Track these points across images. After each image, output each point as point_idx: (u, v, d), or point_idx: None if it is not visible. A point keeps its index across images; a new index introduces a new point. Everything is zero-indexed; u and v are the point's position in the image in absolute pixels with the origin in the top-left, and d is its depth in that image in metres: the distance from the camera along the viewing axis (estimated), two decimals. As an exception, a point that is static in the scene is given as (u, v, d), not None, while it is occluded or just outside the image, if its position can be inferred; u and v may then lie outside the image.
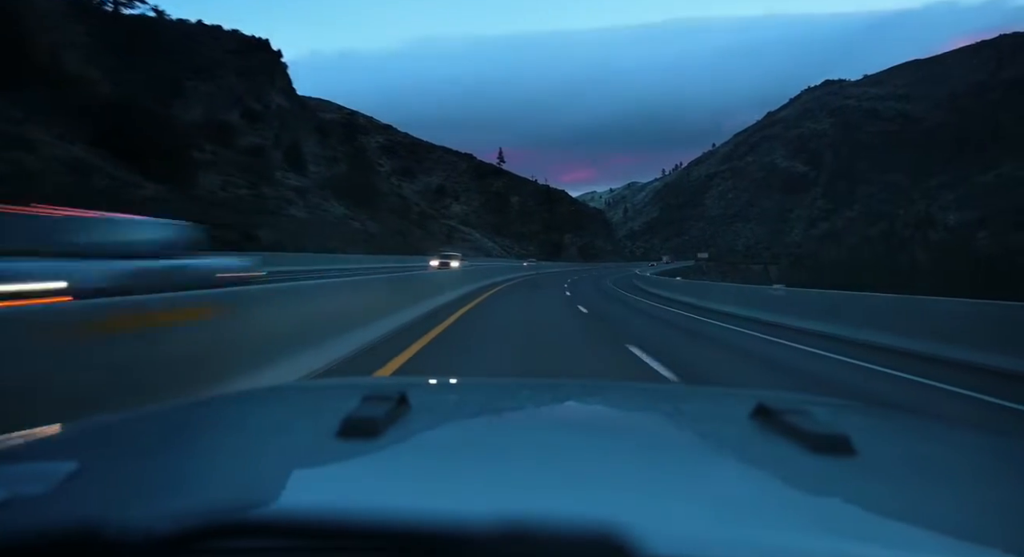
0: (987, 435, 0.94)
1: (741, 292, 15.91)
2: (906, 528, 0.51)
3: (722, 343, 8.92)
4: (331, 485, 0.58)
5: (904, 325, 8.08)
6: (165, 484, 0.58)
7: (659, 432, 0.89)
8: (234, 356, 3.84)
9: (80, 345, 2.60)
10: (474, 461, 0.67)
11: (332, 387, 1.39)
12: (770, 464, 0.66)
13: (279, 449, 0.72)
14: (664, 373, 5.59)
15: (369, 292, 8.28)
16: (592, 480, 0.60)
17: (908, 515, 0.53)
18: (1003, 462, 0.77)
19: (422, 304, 10.63)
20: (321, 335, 5.38)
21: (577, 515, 0.45)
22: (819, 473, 0.61)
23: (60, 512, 0.48)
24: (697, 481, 0.62)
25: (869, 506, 0.55)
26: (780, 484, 0.61)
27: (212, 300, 4.02)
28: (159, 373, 2.96)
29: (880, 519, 0.52)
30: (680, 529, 0.47)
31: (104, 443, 0.74)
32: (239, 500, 0.48)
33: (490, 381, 1.72)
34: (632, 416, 1.01)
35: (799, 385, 5.68)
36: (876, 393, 5.38)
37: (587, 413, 1.06)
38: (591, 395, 1.21)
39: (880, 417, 1.07)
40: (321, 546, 0.42)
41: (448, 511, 0.46)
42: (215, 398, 1.14)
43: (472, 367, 5.65)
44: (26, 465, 0.64)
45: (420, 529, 0.42)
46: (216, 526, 0.42)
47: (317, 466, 0.64)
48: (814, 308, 10.77)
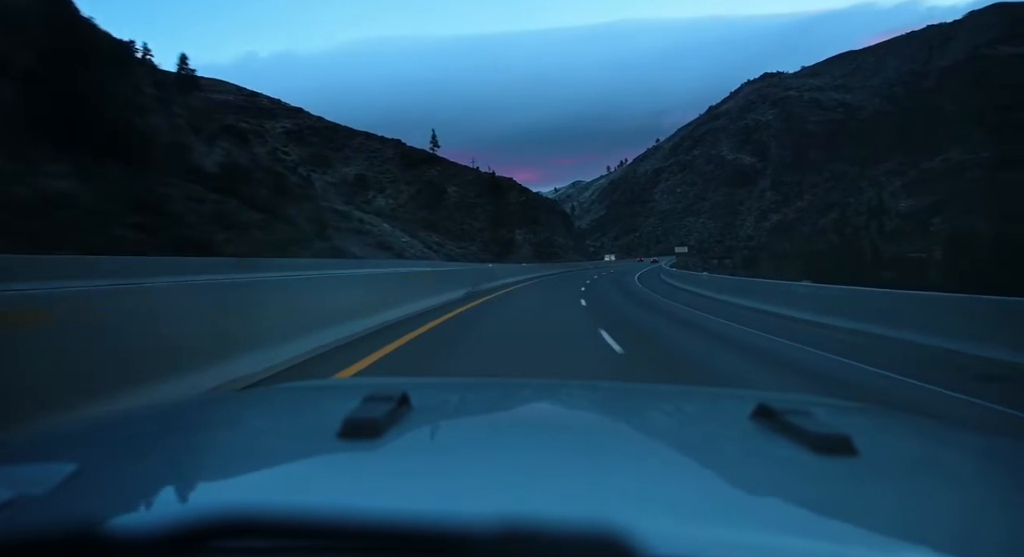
0: (989, 437, 0.93)
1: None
2: (908, 529, 0.50)
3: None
4: (333, 485, 0.58)
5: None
6: (165, 484, 0.58)
7: (660, 433, 0.89)
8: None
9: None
10: (475, 462, 0.67)
11: (333, 387, 1.39)
12: (772, 464, 0.66)
13: (281, 449, 0.72)
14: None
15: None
16: (593, 481, 0.60)
17: (910, 516, 0.53)
18: (1005, 464, 0.77)
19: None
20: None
21: (578, 516, 0.45)
22: (821, 473, 0.61)
23: (60, 512, 0.48)
24: (699, 482, 0.61)
25: (871, 507, 0.54)
26: (783, 485, 0.61)
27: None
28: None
29: (882, 520, 0.52)
30: (682, 530, 0.46)
31: (104, 442, 0.74)
32: (241, 500, 0.47)
33: (491, 381, 1.74)
34: (634, 417, 1.00)
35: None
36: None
37: (588, 414, 1.05)
38: (592, 395, 1.20)
39: (881, 418, 1.06)
40: (323, 546, 0.42)
41: (449, 512, 0.46)
42: (215, 397, 1.10)
43: None
44: (26, 465, 0.64)
45: (422, 529, 0.42)
46: (218, 526, 0.41)
47: (319, 466, 0.64)
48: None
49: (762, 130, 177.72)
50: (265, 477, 0.61)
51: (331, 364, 5.51)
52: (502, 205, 62.59)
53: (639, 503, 0.54)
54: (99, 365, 3.14)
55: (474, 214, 59.82)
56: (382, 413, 0.69)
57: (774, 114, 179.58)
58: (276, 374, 4.87)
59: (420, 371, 5.44)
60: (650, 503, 0.54)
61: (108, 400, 3.03)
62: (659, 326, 10.51)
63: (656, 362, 6.65)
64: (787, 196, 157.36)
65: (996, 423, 4.28)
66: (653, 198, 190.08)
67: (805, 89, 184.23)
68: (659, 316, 12.49)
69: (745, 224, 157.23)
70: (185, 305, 4.26)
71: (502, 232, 58.26)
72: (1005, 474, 0.72)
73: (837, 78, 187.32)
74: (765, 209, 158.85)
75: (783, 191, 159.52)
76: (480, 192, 63.70)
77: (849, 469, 0.61)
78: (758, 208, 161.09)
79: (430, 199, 54.65)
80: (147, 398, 3.23)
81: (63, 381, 2.91)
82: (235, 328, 4.71)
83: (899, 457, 0.75)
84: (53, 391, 2.83)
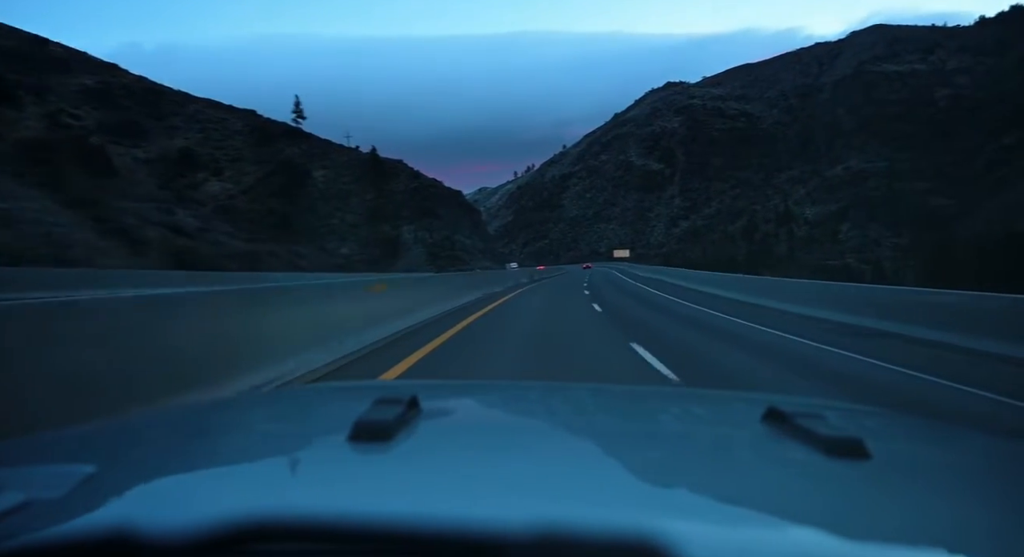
0: (1003, 439, 0.92)
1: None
2: (922, 533, 0.50)
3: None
4: (351, 489, 0.57)
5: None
6: (184, 487, 0.59)
7: (673, 436, 0.88)
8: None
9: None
10: (490, 465, 0.67)
11: (340, 390, 1.36)
12: (787, 468, 0.66)
13: (295, 452, 0.72)
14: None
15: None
16: (615, 485, 0.60)
17: (924, 520, 0.53)
18: (1020, 467, 0.76)
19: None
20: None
21: (608, 521, 0.45)
22: (835, 477, 0.61)
23: (77, 516, 0.47)
24: (717, 486, 0.61)
25: (885, 510, 0.54)
26: (798, 488, 0.61)
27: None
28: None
29: (896, 523, 0.51)
30: (712, 535, 0.46)
31: (118, 445, 0.75)
32: (257, 505, 0.47)
33: (500, 384, 1.72)
34: (645, 420, 1.00)
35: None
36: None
37: (598, 417, 1.04)
38: (600, 398, 1.20)
39: (892, 421, 1.05)
40: (344, 550, 0.42)
41: (481, 517, 0.45)
42: (225, 401, 1.14)
43: None
44: (40, 466, 0.64)
45: (455, 535, 0.42)
46: (244, 531, 0.41)
47: (334, 470, 0.64)
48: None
49: (668, 136, 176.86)
50: (283, 481, 0.61)
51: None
52: (387, 192, 47.95)
53: (666, 507, 0.54)
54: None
55: (349, 205, 45.07)
56: (393, 416, 0.68)
57: (679, 121, 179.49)
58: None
59: None
60: (676, 507, 0.54)
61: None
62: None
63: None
64: (695, 202, 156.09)
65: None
66: (562, 204, 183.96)
67: (708, 98, 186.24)
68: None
69: (656, 230, 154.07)
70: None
71: (384, 229, 43.90)
72: (1019, 477, 0.72)
73: (737, 89, 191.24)
74: (674, 216, 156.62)
75: (691, 197, 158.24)
76: (358, 176, 48.70)
77: (862, 472, 0.61)
78: (667, 214, 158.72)
79: (287, 184, 40.06)
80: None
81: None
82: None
83: (912, 460, 0.74)
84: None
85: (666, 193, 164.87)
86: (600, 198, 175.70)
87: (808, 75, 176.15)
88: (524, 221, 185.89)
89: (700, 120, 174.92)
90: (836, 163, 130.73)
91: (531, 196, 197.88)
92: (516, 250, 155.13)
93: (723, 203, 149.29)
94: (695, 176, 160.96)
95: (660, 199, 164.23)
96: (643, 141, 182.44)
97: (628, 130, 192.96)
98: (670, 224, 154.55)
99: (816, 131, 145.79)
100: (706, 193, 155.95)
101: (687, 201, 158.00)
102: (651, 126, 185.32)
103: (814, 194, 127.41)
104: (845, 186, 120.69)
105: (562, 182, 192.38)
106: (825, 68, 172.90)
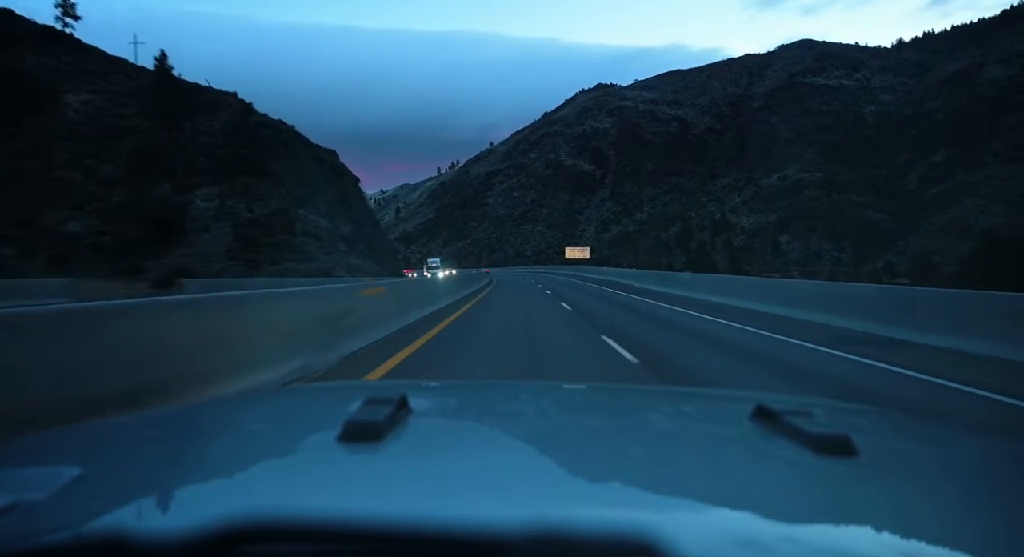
0: (989, 436, 0.94)
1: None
2: (909, 528, 0.50)
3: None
4: (342, 490, 0.57)
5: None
6: (172, 488, 0.58)
7: (663, 435, 0.88)
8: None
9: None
10: (480, 465, 0.66)
11: (330, 390, 1.34)
12: (776, 465, 0.66)
13: (285, 453, 0.72)
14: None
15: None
16: (605, 483, 0.60)
17: (911, 515, 0.53)
18: (1005, 463, 0.77)
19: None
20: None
21: (600, 518, 0.45)
22: (823, 474, 0.61)
23: (64, 520, 0.47)
24: (709, 483, 0.61)
25: (873, 506, 0.55)
26: (788, 486, 0.61)
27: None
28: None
29: (884, 519, 0.52)
30: (704, 531, 0.47)
31: (105, 447, 0.74)
32: (248, 507, 0.47)
33: (490, 383, 1.69)
34: (634, 418, 1.00)
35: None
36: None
37: (588, 416, 1.03)
38: (591, 397, 1.20)
39: (880, 418, 1.05)
40: (336, 551, 0.42)
41: (468, 516, 0.45)
42: (214, 401, 1.16)
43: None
44: (26, 469, 0.63)
45: (451, 534, 0.41)
46: (228, 533, 0.40)
47: (324, 470, 0.63)
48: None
49: (600, 137, 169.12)
50: (274, 482, 0.61)
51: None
52: (189, 135, 30.27)
53: (657, 505, 0.54)
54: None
55: (117, 149, 27.29)
56: (383, 416, 0.68)
57: (611, 122, 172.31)
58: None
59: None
60: (667, 505, 0.54)
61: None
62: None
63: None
64: (627, 207, 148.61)
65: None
66: (487, 202, 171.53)
67: (640, 101, 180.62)
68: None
69: (585, 234, 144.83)
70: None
71: (161, 190, 26.18)
72: (1005, 473, 0.72)
73: (668, 94, 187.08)
74: (605, 220, 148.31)
75: (623, 201, 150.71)
76: (145, 109, 31.09)
77: (850, 469, 0.62)
78: (598, 218, 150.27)
79: (11, 106, 23.63)
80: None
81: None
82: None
83: (899, 457, 0.75)
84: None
85: (597, 196, 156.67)
86: (528, 198, 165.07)
87: (739, 84, 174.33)
88: (446, 219, 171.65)
89: (632, 122, 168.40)
90: (772, 172, 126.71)
91: (455, 193, 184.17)
92: (436, 249, 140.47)
93: (656, 208, 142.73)
94: (627, 179, 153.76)
95: (591, 201, 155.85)
96: (573, 140, 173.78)
97: (558, 129, 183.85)
98: (600, 228, 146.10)
99: (751, 139, 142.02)
100: (638, 197, 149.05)
101: (619, 205, 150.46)
102: (582, 125, 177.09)
103: (751, 203, 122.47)
104: (782, 195, 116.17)
105: (488, 180, 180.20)
106: (755, 78, 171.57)
